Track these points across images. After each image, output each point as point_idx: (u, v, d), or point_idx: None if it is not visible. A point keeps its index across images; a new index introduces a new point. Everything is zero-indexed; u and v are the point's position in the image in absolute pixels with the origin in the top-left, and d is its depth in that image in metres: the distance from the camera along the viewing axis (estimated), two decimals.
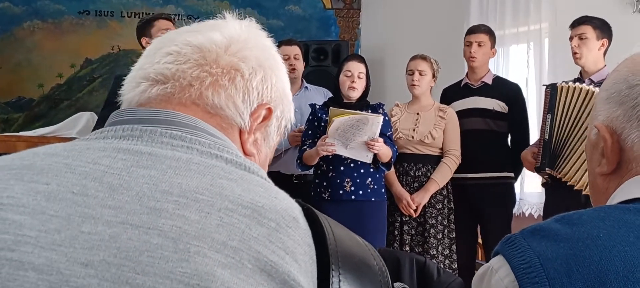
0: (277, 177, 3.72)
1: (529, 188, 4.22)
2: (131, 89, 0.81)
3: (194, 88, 0.79)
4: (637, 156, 0.86)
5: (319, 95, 3.78)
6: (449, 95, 3.79)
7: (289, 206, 0.70)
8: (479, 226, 3.69)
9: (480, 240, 3.81)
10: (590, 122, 0.94)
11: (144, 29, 3.45)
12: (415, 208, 3.44)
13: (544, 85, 3.33)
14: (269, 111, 0.84)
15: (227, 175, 0.70)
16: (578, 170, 2.94)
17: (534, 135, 3.79)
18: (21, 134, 4.56)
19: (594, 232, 0.75)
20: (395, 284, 0.78)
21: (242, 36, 0.85)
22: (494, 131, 3.60)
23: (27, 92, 5.66)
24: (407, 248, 3.45)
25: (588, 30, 3.17)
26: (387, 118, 3.39)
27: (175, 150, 0.72)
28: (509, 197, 3.68)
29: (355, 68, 3.35)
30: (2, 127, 5.48)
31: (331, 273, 0.67)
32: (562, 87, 3.08)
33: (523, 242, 0.77)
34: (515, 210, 3.80)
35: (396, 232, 3.50)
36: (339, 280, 0.68)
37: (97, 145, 0.72)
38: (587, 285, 0.71)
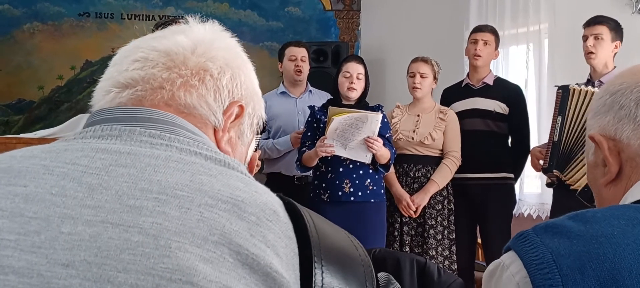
0: (278, 179, 3.73)
1: (528, 189, 4.22)
2: (101, 97, 0.81)
3: (165, 90, 0.79)
4: (636, 149, 0.87)
5: (322, 100, 3.78)
6: (450, 95, 3.78)
7: (269, 200, 0.70)
8: (478, 227, 3.69)
9: (479, 241, 3.80)
10: (587, 146, 0.97)
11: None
12: (415, 209, 3.44)
13: (555, 86, 3.31)
14: (241, 108, 0.85)
15: (207, 171, 0.70)
16: (584, 175, 2.92)
17: (533, 137, 3.79)
18: (21, 136, 4.56)
19: (608, 230, 0.76)
20: (379, 274, 0.78)
21: (207, 38, 0.85)
22: (494, 132, 3.60)
23: (27, 94, 5.66)
24: (407, 249, 3.45)
25: (604, 31, 3.16)
26: (385, 119, 3.40)
27: (154, 148, 0.72)
28: (509, 198, 3.67)
29: (354, 69, 3.36)
30: (2, 129, 5.48)
31: (314, 265, 0.68)
32: (574, 89, 3.05)
33: (536, 238, 0.77)
34: (514, 211, 3.80)
35: (396, 233, 3.50)
36: (322, 272, 0.68)
37: (75, 146, 0.72)
38: (600, 282, 0.71)
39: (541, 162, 3.19)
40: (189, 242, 0.62)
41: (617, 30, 3.19)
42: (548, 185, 3.32)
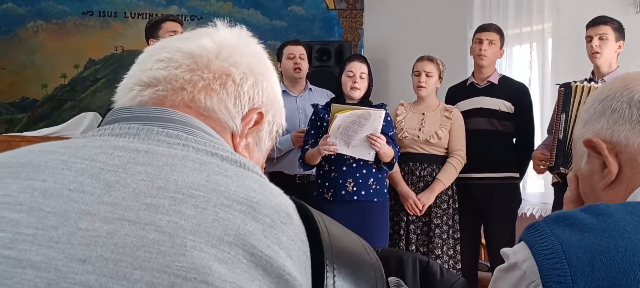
0: (280, 178, 3.72)
1: (531, 189, 4.21)
2: (124, 94, 0.82)
3: (187, 91, 0.80)
4: (637, 149, 0.87)
5: (323, 97, 3.79)
6: (454, 94, 3.77)
7: (283, 202, 0.71)
8: (482, 226, 3.68)
9: (483, 241, 3.80)
10: (580, 158, 0.96)
11: (152, 31, 3.45)
12: (421, 208, 3.44)
13: (557, 84, 3.31)
14: (261, 116, 0.85)
15: (223, 172, 0.71)
16: None
17: (537, 136, 3.79)
18: (25, 134, 4.57)
19: (621, 225, 0.75)
20: (390, 279, 0.78)
21: (232, 42, 0.86)
22: (498, 131, 3.59)
23: (30, 92, 5.67)
24: (413, 248, 3.45)
25: (609, 31, 3.17)
26: (389, 118, 3.40)
27: (172, 147, 0.73)
28: (514, 198, 3.66)
29: (357, 68, 3.36)
30: (5, 127, 5.49)
31: (325, 269, 0.68)
32: (576, 86, 3.05)
33: (546, 229, 0.77)
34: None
35: (402, 232, 3.50)
36: (333, 276, 0.68)
37: (93, 143, 0.72)
38: (610, 276, 0.71)
39: (546, 162, 3.18)
40: (205, 242, 0.63)
41: (620, 30, 3.20)
42: (554, 184, 3.31)
